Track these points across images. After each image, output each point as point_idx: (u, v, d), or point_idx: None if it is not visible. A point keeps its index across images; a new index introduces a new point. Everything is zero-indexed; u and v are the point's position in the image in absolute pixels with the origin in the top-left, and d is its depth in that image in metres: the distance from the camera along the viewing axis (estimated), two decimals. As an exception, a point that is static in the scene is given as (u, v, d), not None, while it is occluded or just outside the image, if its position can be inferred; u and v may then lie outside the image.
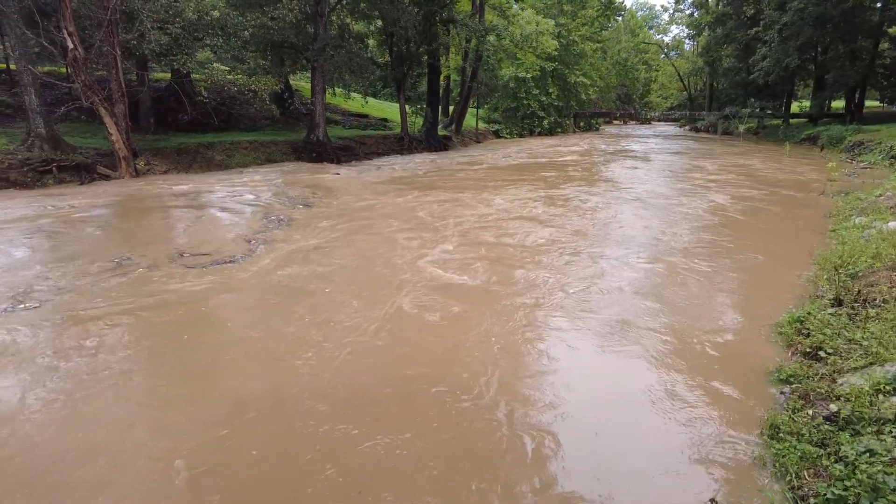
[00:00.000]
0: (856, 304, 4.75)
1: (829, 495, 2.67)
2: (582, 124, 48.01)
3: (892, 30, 27.90)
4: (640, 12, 78.29)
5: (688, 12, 51.62)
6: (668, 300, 5.78)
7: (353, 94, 31.26)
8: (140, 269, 6.84)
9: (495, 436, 3.47)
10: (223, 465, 3.20)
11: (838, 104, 35.47)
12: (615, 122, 66.58)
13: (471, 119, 34.97)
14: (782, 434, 3.26)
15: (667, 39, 72.36)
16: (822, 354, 4.09)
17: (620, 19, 60.72)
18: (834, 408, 3.31)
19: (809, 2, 25.20)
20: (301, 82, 30.80)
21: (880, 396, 3.28)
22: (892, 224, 7.12)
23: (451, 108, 35.16)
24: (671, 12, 66.15)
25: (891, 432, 2.94)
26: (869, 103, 35.21)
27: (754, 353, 4.55)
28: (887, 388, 3.33)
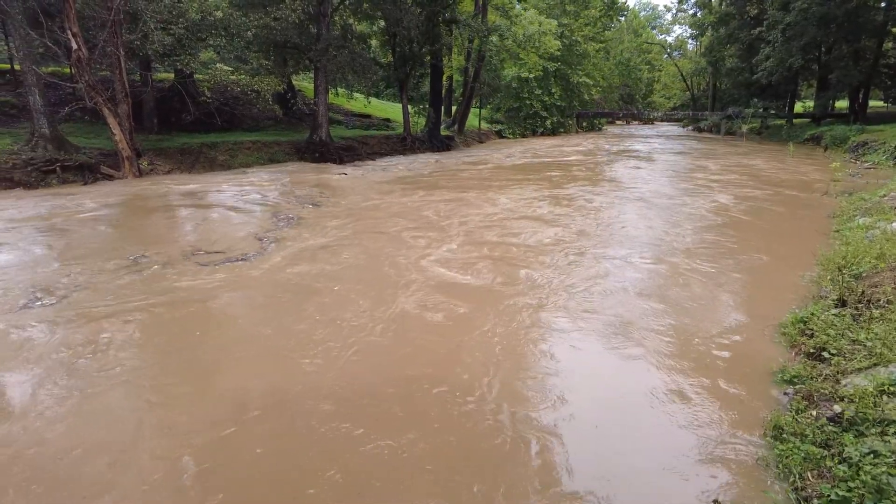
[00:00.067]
0: (859, 305, 4.75)
1: (832, 497, 2.66)
2: (585, 124, 47.93)
3: (897, 29, 27.82)
4: (643, 12, 78.18)
5: (691, 12, 51.49)
6: (672, 300, 5.78)
7: (355, 94, 31.32)
8: (155, 266, 6.91)
9: (497, 437, 3.47)
10: (226, 464, 3.22)
11: (842, 104, 35.38)
12: (618, 122, 66.46)
13: (473, 119, 34.97)
14: (786, 435, 3.25)
15: (670, 39, 72.42)
16: (825, 355, 4.08)
17: (623, 19, 60.55)
18: (838, 409, 3.31)
19: (813, 2, 25.12)
20: (304, 83, 30.83)
21: (884, 397, 3.28)
22: (897, 225, 7.10)
23: (453, 108, 35.16)
24: (674, 12, 65.86)
25: (895, 433, 2.93)
26: (873, 103, 35.01)
27: (758, 353, 4.55)
28: (891, 389, 3.32)
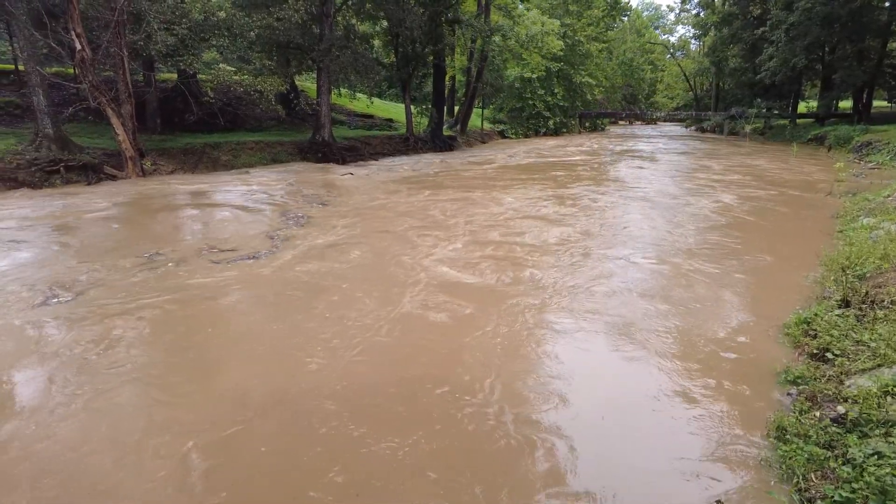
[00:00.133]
0: (863, 306, 4.73)
1: (836, 498, 2.66)
2: (587, 124, 47.86)
3: (901, 29, 27.65)
4: (646, 12, 78.17)
5: (694, 12, 51.29)
6: (675, 301, 5.77)
7: (358, 94, 31.30)
8: (170, 263, 6.98)
9: (500, 438, 3.47)
10: (229, 462, 3.23)
11: (846, 104, 35.19)
12: (621, 122, 66.35)
13: (476, 119, 34.96)
14: (789, 436, 3.25)
15: (673, 39, 72.22)
16: (829, 356, 4.07)
17: (626, 19, 60.54)
18: (841, 410, 3.30)
19: (817, 1, 25.02)
20: (307, 83, 30.88)
21: (888, 398, 3.27)
22: (901, 225, 7.07)
23: (456, 108, 35.19)
24: (677, 12, 65.68)
25: (899, 434, 2.92)
26: (877, 103, 34.90)
27: (761, 354, 4.54)
28: (895, 390, 3.31)
